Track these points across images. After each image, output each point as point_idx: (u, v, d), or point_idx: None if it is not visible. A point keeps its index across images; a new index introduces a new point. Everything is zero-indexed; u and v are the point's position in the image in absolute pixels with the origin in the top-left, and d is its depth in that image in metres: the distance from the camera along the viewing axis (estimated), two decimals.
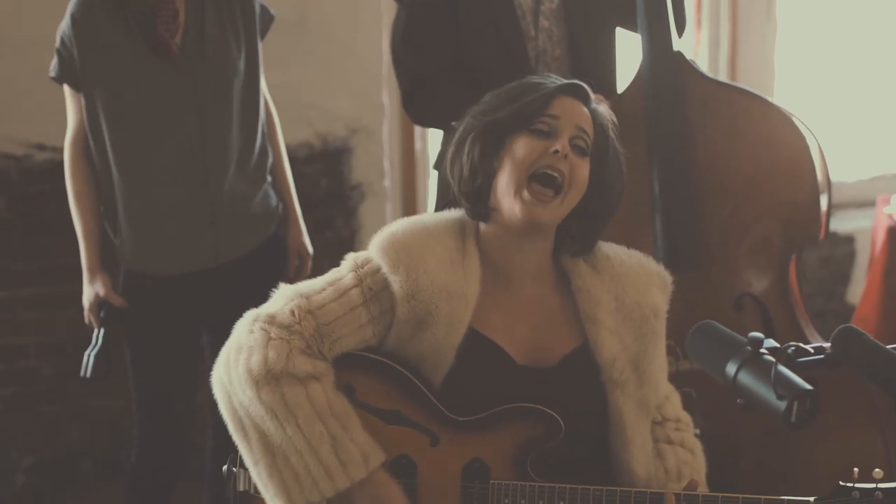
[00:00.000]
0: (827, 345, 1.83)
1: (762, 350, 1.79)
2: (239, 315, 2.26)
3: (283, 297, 2.22)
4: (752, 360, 1.77)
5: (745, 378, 1.77)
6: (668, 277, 2.37)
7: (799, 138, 3.03)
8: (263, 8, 3.28)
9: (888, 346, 1.79)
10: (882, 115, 5.50)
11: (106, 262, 3.22)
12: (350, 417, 2.17)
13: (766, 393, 1.73)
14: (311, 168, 4.35)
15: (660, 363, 2.36)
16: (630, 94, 3.11)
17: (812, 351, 1.83)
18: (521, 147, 2.19)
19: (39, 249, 4.02)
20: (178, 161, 3.13)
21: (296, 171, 4.22)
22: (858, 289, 5.11)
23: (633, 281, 2.32)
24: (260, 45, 3.25)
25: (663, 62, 3.07)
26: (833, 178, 5.13)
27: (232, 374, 2.16)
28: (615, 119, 2.31)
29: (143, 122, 3.11)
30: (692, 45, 5.08)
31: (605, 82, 3.20)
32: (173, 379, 3.29)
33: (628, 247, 2.41)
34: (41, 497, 4.18)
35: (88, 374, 3.13)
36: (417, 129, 4.52)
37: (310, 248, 3.45)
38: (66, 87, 3.17)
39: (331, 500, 2.16)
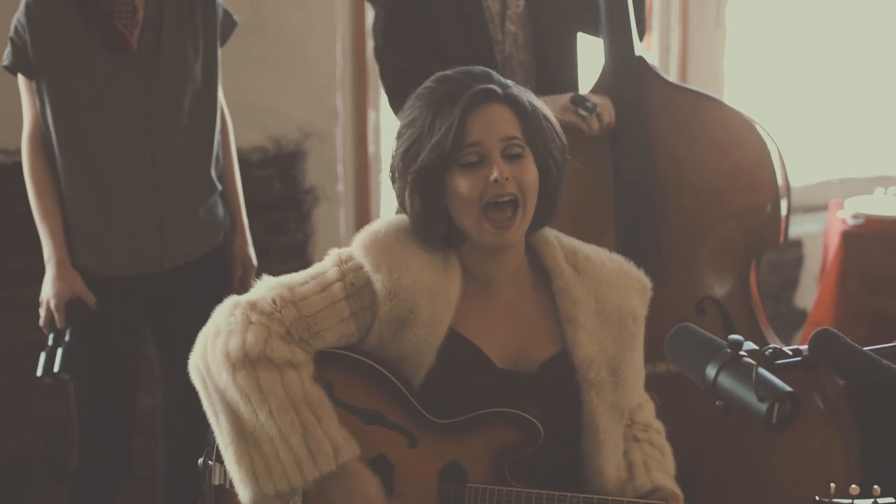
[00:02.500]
0: (804, 347, 1.84)
1: (741, 353, 1.79)
2: (184, 321, 2.28)
3: (266, 287, 2.23)
4: (732, 363, 1.78)
5: (725, 381, 1.77)
6: (647, 283, 2.39)
7: (760, 143, 3.07)
8: (226, 13, 3.25)
9: (864, 348, 1.80)
10: (828, 120, 5.56)
11: None
12: (325, 409, 2.17)
13: (747, 395, 1.73)
14: (264, 172, 4.32)
15: (636, 368, 2.37)
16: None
17: (790, 353, 1.84)
18: (461, 187, 2.18)
19: (13, 251, 3.94)
20: (127, 162, 3.10)
21: (249, 175, 4.20)
22: (806, 293, 5.17)
23: (614, 284, 2.33)
24: (219, 51, 3.22)
25: (625, 67, 3.09)
26: None
27: (209, 358, 2.16)
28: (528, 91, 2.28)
29: (91, 119, 3.06)
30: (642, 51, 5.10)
31: (568, 86, 3.22)
32: (114, 381, 3.23)
33: None
34: None
35: (57, 369, 3.02)
36: (371, 134, 4.50)
37: (254, 260, 3.41)
38: (20, 79, 3.11)
39: (305, 489, 2.16)
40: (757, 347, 1.82)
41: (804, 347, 1.84)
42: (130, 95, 3.07)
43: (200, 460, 2.32)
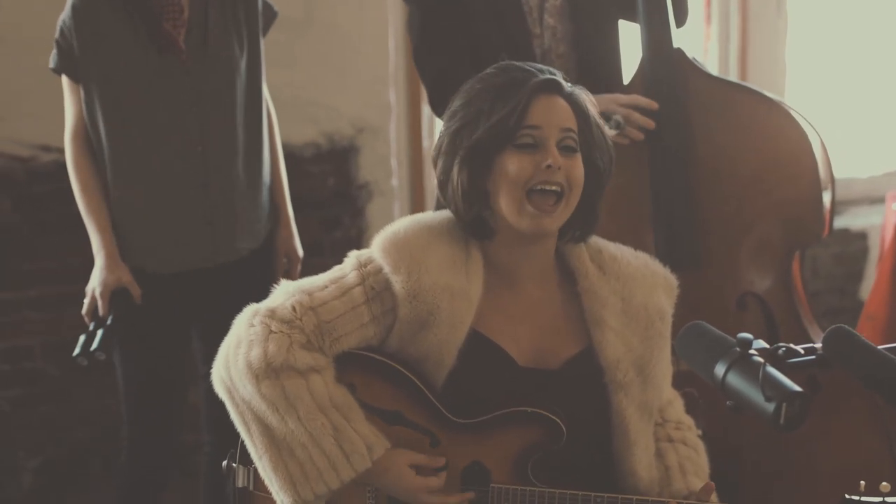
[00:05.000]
0: (818, 345, 1.81)
1: (751, 351, 1.76)
2: (230, 317, 2.24)
3: (285, 293, 2.21)
4: (741, 361, 1.75)
5: (734, 379, 1.75)
6: (673, 281, 2.35)
7: (800, 135, 3.01)
8: (266, 5, 3.26)
9: (881, 347, 1.76)
10: (895, 110, 5.45)
11: None
12: (352, 408, 2.16)
13: (755, 395, 1.71)
14: (317, 167, 4.34)
15: (664, 367, 2.33)
16: (632, 88, 3.08)
17: (802, 352, 1.80)
18: (512, 166, 2.16)
19: (44, 250, 4.01)
20: (178, 160, 3.11)
21: (303, 171, 4.23)
22: (872, 286, 5.07)
23: (640, 283, 2.30)
24: (262, 43, 3.23)
25: (662, 59, 3.05)
26: (845, 175, 5.18)
27: (232, 370, 2.16)
28: (590, 95, 2.28)
29: (141, 119, 3.09)
30: (702, 40, 5.05)
31: (610, 76, 3.19)
32: (163, 377, 3.26)
33: (629, 244, 2.39)
34: (48, 497, 4.18)
35: (94, 347, 3.04)
36: (425, 128, 4.50)
37: (300, 252, 3.41)
38: (64, 79, 3.14)
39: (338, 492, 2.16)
40: (768, 346, 1.79)
41: (819, 346, 1.80)
42: (180, 94, 3.09)
43: (224, 462, 2.33)
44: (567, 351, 2.27)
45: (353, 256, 2.26)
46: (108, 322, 3.09)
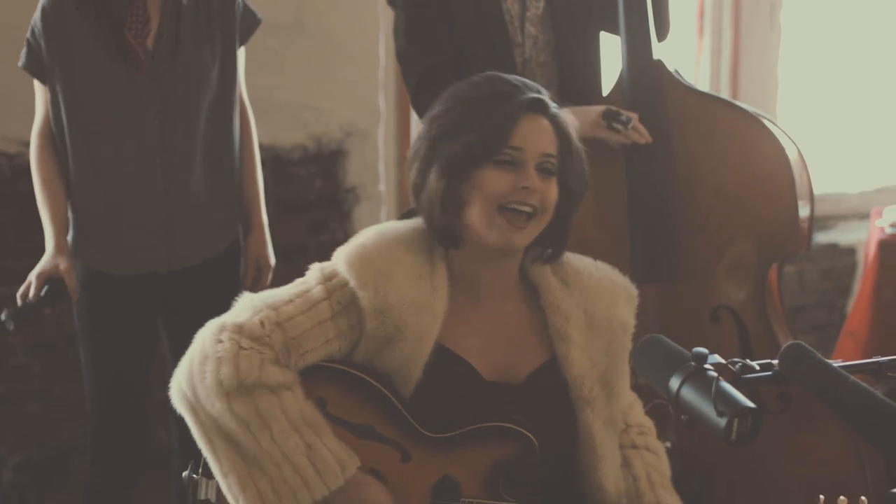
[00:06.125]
0: (775, 362, 1.80)
1: (706, 366, 1.75)
2: (196, 319, 2.22)
3: (250, 308, 2.17)
4: (696, 376, 1.74)
5: (688, 394, 1.73)
6: (633, 290, 2.35)
7: (777, 150, 3.00)
8: (248, 11, 3.24)
9: (835, 364, 1.76)
10: (887, 125, 5.45)
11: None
12: (321, 425, 2.14)
13: (707, 409, 1.69)
14: (305, 170, 4.34)
15: (625, 376, 2.33)
16: (611, 100, 3.09)
17: (758, 368, 1.79)
18: (488, 181, 2.16)
19: (30, 247, 3.99)
20: (138, 165, 3.11)
21: (290, 173, 4.23)
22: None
23: (603, 294, 2.29)
24: (240, 51, 3.22)
25: (641, 71, 3.05)
26: (836, 190, 5.17)
27: (198, 387, 2.11)
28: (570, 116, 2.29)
29: (103, 124, 3.09)
30: (694, 53, 5.05)
31: (591, 87, 3.19)
32: (128, 377, 3.25)
33: (604, 256, 2.39)
34: (27, 495, 4.18)
35: (3, 317, 3.05)
36: (413, 134, 4.49)
37: (272, 260, 3.39)
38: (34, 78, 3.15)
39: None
40: (723, 361, 1.78)
41: (775, 362, 1.80)
42: (143, 101, 3.08)
43: (185, 473, 2.27)
44: (531, 364, 2.27)
45: (316, 269, 2.23)
46: (31, 301, 3.08)
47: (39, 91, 3.16)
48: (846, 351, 3.84)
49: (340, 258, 2.21)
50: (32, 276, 3.11)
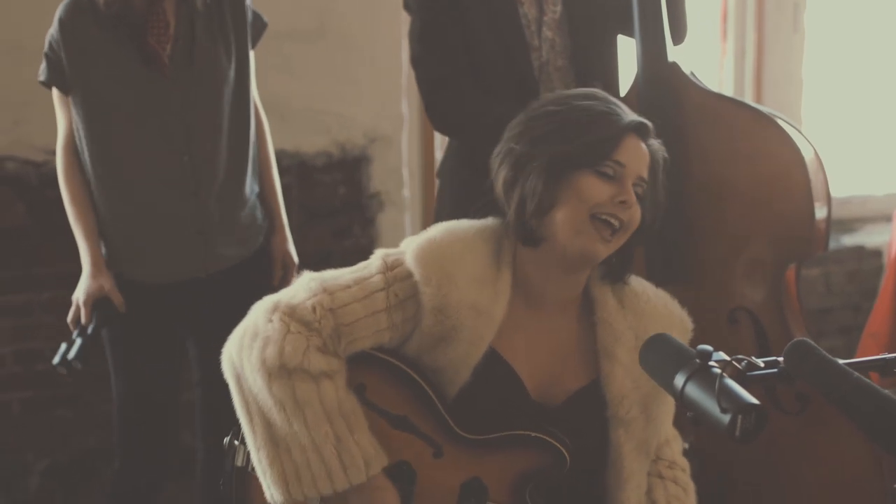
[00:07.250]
0: (780, 359, 1.81)
1: (711, 363, 1.76)
2: (225, 323, 2.25)
3: (306, 289, 2.19)
4: (700, 373, 1.75)
5: (692, 391, 1.74)
6: (689, 324, 2.36)
7: (793, 151, 3.00)
8: (256, 15, 3.28)
9: (841, 361, 1.76)
10: None
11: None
12: (357, 419, 2.16)
13: (711, 406, 1.70)
14: (329, 176, 4.36)
15: (668, 406, 2.34)
16: (626, 102, 3.08)
17: (763, 365, 1.80)
18: (589, 188, 2.17)
19: (57, 254, 4.04)
20: (166, 170, 3.13)
21: (314, 179, 4.25)
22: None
23: (656, 321, 2.30)
24: (251, 54, 3.26)
25: (657, 73, 3.06)
26: (861, 192, 5.15)
27: (244, 360, 2.15)
28: (665, 153, 2.31)
29: (128, 130, 3.11)
30: (718, 56, 5.04)
31: (608, 90, 3.18)
32: (156, 386, 3.27)
33: None
34: (54, 500, 4.21)
35: (72, 356, 3.08)
36: (437, 139, 4.51)
37: (295, 258, 3.41)
38: (55, 91, 3.18)
39: (326, 497, 2.16)
40: (728, 358, 1.79)
41: (780, 359, 1.81)
42: (167, 105, 3.11)
43: (227, 439, 2.31)
44: (574, 383, 2.29)
45: (379, 256, 2.24)
46: (88, 331, 3.12)
47: (60, 104, 3.19)
48: (867, 352, 3.82)
49: (408, 249, 2.22)
50: (80, 302, 3.14)
